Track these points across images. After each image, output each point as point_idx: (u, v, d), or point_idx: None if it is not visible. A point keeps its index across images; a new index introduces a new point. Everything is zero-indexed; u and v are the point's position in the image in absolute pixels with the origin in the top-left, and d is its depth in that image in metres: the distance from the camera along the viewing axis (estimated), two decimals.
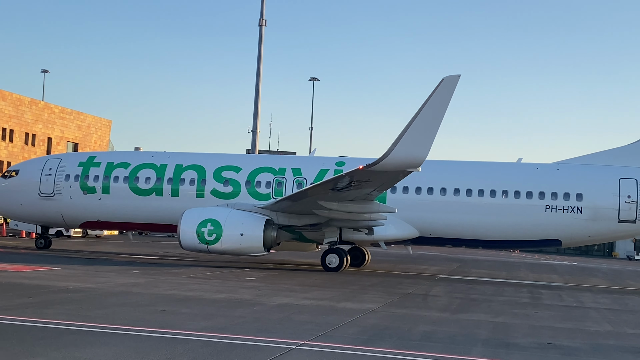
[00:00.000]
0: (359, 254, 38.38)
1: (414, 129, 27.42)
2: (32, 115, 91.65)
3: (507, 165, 37.89)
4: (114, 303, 18.40)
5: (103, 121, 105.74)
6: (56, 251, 38.56)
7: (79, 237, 57.23)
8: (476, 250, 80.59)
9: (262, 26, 59.46)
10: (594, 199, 34.79)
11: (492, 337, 16.37)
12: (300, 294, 23.17)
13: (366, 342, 14.49)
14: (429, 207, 35.24)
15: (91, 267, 29.28)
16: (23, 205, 37.86)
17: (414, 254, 47.74)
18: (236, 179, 36.14)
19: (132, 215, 37.08)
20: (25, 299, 18.10)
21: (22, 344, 12.46)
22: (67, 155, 41.31)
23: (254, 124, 60.39)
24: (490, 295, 27.08)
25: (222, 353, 12.62)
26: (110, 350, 12.35)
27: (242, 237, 31.79)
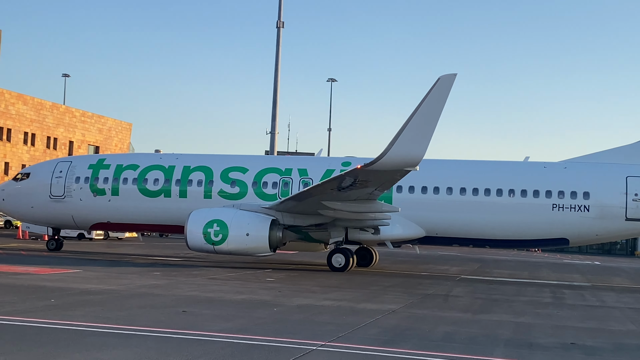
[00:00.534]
0: (366, 254, 38.33)
1: (411, 128, 27.47)
2: (53, 119, 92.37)
3: (513, 164, 37.78)
4: (136, 305, 18.48)
5: (123, 124, 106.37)
6: (78, 253, 38.84)
7: (100, 239, 57.59)
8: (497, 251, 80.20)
9: (280, 28, 59.56)
10: (601, 197, 34.55)
11: (514, 338, 16.26)
12: (320, 294, 23.16)
13: (387, 343, 14.43)
14: (435, 206, 35.14)
15: (113, 269, 29.44)
16: (34, 208, 38.24)
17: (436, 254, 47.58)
18: (243, 180, 36.31)
19: (141, 216, 37.37)
20: (47, 301, 18.22)
21: (45, 346, 12.54)
22: (77, 157, 41.75)
23: (272, 126, 60.50)
24: (512, 295, 26.92)
25: (243, 354, 12.63)
26: (132, 351, 12.39)
27: (248, 238, 31.91)
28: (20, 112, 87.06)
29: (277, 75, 59.90)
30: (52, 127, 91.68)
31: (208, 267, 32.96)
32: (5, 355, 11.60)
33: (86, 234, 55.68)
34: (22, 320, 14.87)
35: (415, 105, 27.66)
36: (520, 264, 53.14)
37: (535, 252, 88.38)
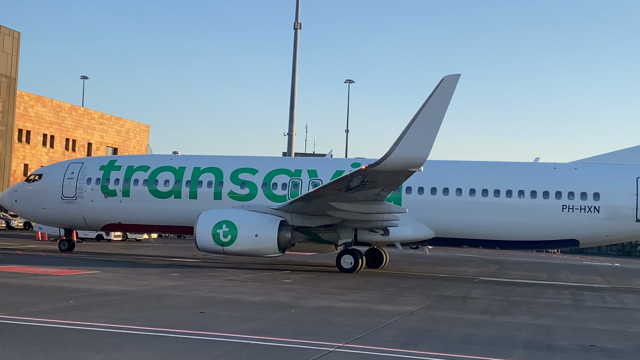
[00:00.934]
0: (376, 255, 38.34)
1: (415, 129, 27.48)
2: (72, 121, 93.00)
3: (523, 165, 37.60)
4: (154, 306, 18.54)
5: (142, 126, 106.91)
6: (97, 254, 39.06)
7: (118, 240, 57.88)
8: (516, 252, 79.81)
9: (297, 29, 59.64)
10: (612, 198, 34.32)
11: (533, 340, 16.15)
12: (338, 296, 23.13)
13: (405, 345, 14.38)
14: (445, 207, 35.03)
15: (131, 270, 29.56)
16: (46, 209, 38.52)
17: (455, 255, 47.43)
18: (253, 181, 36.42)
19: (152, 217, 37.55)
20: (66, 302, 18.32)
21: (64, 346, 12.60)
22: (88, 159, 42.05)
23: (290, 127, 60.60)
24: (531, 297, 26.75)
25: (261, 355, 12.63)
26: (150, 352, 12.43)
27: (257, 239, 31.98)
28: (40, 114, 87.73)
29: (295, 77, 59.97)
30: (71, 129, 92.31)
31: (226, 268, 33.02)
32: (25, 355, 11.68)
33: (104, 235, 56.10)
34: (42, 321, 14.96)
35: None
36: (539, 266, 52.83)
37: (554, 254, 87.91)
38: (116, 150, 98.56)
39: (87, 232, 54.26)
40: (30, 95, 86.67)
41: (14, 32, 79.64)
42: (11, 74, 78.87)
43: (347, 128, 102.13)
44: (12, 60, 79.01)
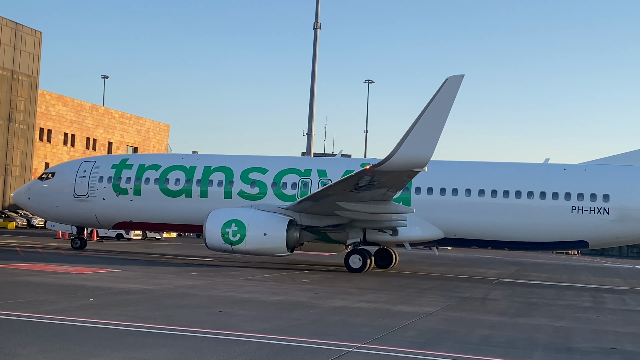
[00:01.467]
0: (386, 255, 38.39)
1: (418, 129, 27.56)
2: (93, 120, 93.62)
3: (533, 166, 37.47)
4: (173, 305, 18.62)
5: (162, 125, 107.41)
6: (116, 253, 39.29)
7: (138, 239, 58.19)
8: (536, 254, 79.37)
9: (317, 29, 59.64)
10: (621, 200, 34.17)
11: (552, 342, 16.05)
12: (356, 296, 23.11)
13: (423, 346, 14.34)
14: (454, 208, 35.00)
15: (150, 269, 29.71)
16: (59, 207, 38.91)
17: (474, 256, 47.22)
18: (263, 181, 36.57)
19: (163, 216, 37.84)
20: (86, 301, 18.44)
21: (84, 344, 12.68)
22: (101, 157, 42.46)
23: (309, 127, 60.60)
24: (550, 299, 26.59)
25: (279, 355, 12.64)
26: (169, 351, 12.48)
27: (266, 238, 32.15)
28: (61, 114, 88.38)
29: (314, 77, 59.99)
30: (91, 128, 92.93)
31: (244, 267, 33.10)
32: (45, 353, 11.77)
33: (124, 234, 56.44)
34: (62, 319, 15.06)
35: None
36: (559, 267, 52.50)
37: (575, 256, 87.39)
38: (136, 150, 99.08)
39: (108, 231, 54.66)
40: (52, 94, 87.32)
41: (35, 32, 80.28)
42: (33, 73, 79.50)
43: (366, 128, 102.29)
44: (33, 59, 79.65)
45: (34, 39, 79.85)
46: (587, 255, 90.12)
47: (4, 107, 76.07)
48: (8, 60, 76.26)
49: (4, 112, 76.24)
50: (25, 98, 78.80)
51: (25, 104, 78.90)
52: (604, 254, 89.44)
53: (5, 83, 76.16)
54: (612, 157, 36.46)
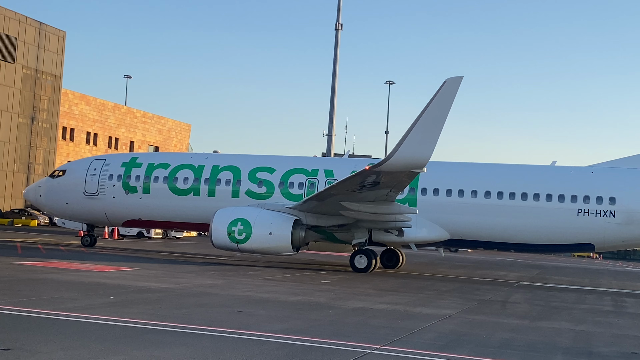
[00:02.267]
0: (392, 255, 38.52)
1: (417, 130, 27.76)
2: (115, 119, 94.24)
3: (539, 168, 37.53)
4: (192, 303, 18.68)
5: (183, 125, 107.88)
6: (137, 251, 39.51)
7: (159, 238, 58.48)
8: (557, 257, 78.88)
9: (338, 30, 59.60)
10: (628, 202, 34.05)
11: (573, 346, 15.92)
12: (376, 298, 23.06)
13: (443, 348, 14.27)
14: (460, 209, 34.99)
15: (170, 268, 29.84)
16: (69, 204, 39.30)
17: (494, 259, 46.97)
18: (270, 180, 36.75)
19: (171, 214, 38.14)
20: (107, 298, 18.55)
21: (104, 342, 12.75)
22: (111, 156, 42.96)
23: (330, 128, 60.60)
24: (571, 302, 26.39)
25: (298, 355, 12.64)
26: (188, 350, 12.51)
27: (271, 237, 32.32)
28: (83, 113, 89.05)
29: (335, 78, 59.96)
30: (113, 127, 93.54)
31: (263, 267, 33.15)
32: (66, 350, 11.85)
33: (145, 232, 56.75)
34: (83, 317, 15.16)
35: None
36: (580, 271, 52.09)
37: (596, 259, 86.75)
38: (158, 149, 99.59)
39: (129, 230, 55.02)
40: (75, 93, 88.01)
41: (59, 32, 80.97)
42: (56, 72, 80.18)
43: (386, 129, 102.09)
44: (57, 59, 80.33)
45: (57, 38, 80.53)
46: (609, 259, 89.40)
47: (27, 106, 76.79)
48: (32, 59, 76.97)
49: (28, 111, 76.95)
50: (48, 97, 79.49)
51: (48, 102, 79.59)
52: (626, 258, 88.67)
53: (29, 82, 76.86)
54: (620, 160, 36.34)
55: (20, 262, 27.75)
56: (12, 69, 74.51)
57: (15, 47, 74.41)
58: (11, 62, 74.10)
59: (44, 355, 11.35)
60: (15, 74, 75.03)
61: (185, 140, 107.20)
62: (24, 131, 76.76)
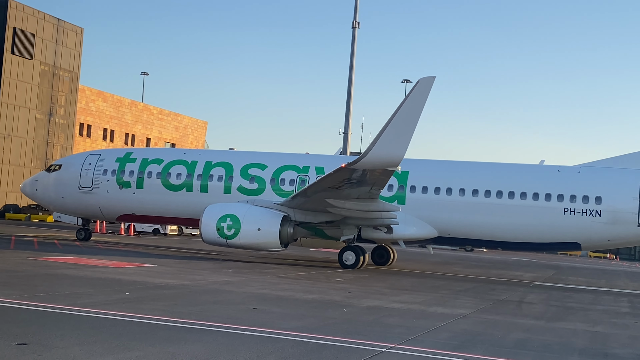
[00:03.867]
0: (384, 252, 38.76)
1: (391, 129, 28.24)
2: (132, 116, 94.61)
3: (527, 167, 37.74)
4: (207, 300, 18.72)
5: (199, 122, 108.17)
6: (152, 247, 39.68)
7: (174, 235, 58.67)
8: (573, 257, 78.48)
9: (355, 28, 59.51)
10: (613, 202, 34.21)
11: (589, 347, 15.83)
12: (390, 297, 23.03)
13: (457, 348, 14.23)
14: (448, 207, 35.23)
15: (185, 265, 29.94)
16: (64, 198, 39.81)
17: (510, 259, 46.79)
18: (261, 176, 37.04)
19: (164, 209, 38.52)
20: (122, 295, 18.64)
21: (120, 338, 12.81)
22: (106, 151, 43.46)
23: (346, 126, 60.55)
24: (587, 303, 26.23)
25: (312, 353, 12.64)
26: (203, 346, 12.55)
27: (259, 233, 32.55)
28: (100, 109, 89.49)
29: (352, 76, 59.89)
30: (130, 124, 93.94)
31: (278, 265, 33.21)
32: (82, 345, 11.91)
33: (161, 229, 56.95)
34: (99, 312, 15.24)
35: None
36: (597, 272, 51.79)
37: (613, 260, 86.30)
38: (174, 146, 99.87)
39: (144, 226, 55.29)
40: (92, 90, 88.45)
41: (77, 28, 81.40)
42: (74, 69, 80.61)
43: None
44: (75, 55, 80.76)
45: (75, 35, 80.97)
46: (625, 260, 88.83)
47: (45, 102, 77.28)
48: (50, 55, 77.43)
49: (45, 107, 77.44)
50: (66, 93, 79.94)
51: (66, 99, 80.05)
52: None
53: (47, 78, 77.33)
54: (608, 160, 36.52)
55: (36, 257, 27.93)
56: (30, 65, 75.00)
57: (34, 43, 74.88)
58: (29, 58, 74.58)
59: (60, 350, 11.41)
60: (33, 70, 75.52)
61: (202, 138, 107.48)
62: (41, 127, 77.24)
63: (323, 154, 40.07)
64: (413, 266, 40.15)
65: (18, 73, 73.98)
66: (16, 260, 25.92)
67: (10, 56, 72.68)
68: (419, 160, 37.40)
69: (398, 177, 35.28)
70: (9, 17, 72.25)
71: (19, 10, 73.59)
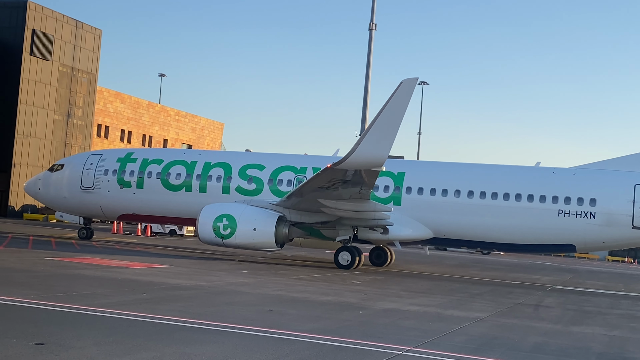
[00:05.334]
0: (381, 253, 38.76)
1: (375, 130, 28.58)
2: (149, 117, 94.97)
3: (522, 168, 37.85)
4: (223, 302, 18.75)
5: (216, 124, 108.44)
6: (169, 248, 39.80)
7: (191, 236, 58.78)
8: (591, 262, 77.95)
9: (372, 30, 59.46)
10: (608, 204, 34.15)
11: (606, 351, 15.70)
12: (407, 299, 22.96)
13: (474, 351, 14.16)
14: (443, 208, 35.26)
15: (202, 266, 30.01)
16: (66, 198, 40.19)
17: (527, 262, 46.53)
18: (259, 177, 37.25)
19: (164, 209, 38.81)
20: (139, 295, 18.70)
21: (136, 338, 12.85)
22: (107, 151, 43.99)
23: (362, 128, 60.40)
24: (605, 307, 26.04)
25: (328, 355, 12.62)
26: (219, 347, 12.56)
27: (255, 233, 32.74)
28: (118, 110, 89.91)
29: (368, 77, 59.84)
30: (147, 125, 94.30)
31: (294, 266, 33.23)
32: (99, 345, 11.96)
33: (177, 230, 57.07)
34: (115, 313, 15.30)
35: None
36: (615, 276, 51.41)
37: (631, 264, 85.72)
38: (190, 147, 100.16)
39: (161, 227, 55.39)
40: (110, 91, 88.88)
41: (95, 30, 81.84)
42: (92, 70, 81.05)
43: (419, 130, 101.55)
44: (93, 57, 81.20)
45: (93, 36, 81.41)
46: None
47: (63, 103, 77.74)
48: (68, 57, 77.89)
49: (64, 108, 77.91)
50: (84, 94, 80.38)
51: (84, 100, 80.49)
52: None
53: (65, 79, 77.80)
54: (604, 162, 36.48)
55: (54, 258, 28.10)
56: (48, 67, 75.47)
57: (52, 45, 75.32)
58: (48, 59, 75.04)
59: (77, 350, 11.46)
60: (52, 71, 75.98)
61: (218, 139, 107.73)
62: (59, 128, 77.68)
63: (321, 155, 40.20)
64: (429, 269, 40.07)
65: (37, 74, 74.46)
66: (34, 260, 26.08)
67: (29, 57, 73.15)
68: (415, 162, 37.73)
69: (394, 178, 35.62)
70: (27, 18, 72.74)
71: (37, 12, 74.09)
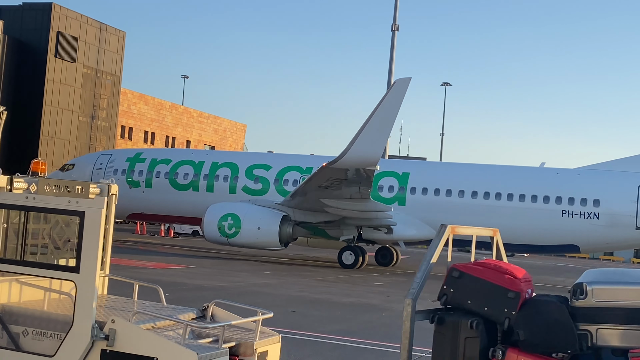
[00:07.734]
0: (387, 253, 38.73)
1: (369, 129, 28.76)
2: (172, 119, 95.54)
3: (527, 169, 37.98)
4: (246, 302, 18.69)
5: (238, 125, 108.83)
6: (192, 249, 39.95)
7: None
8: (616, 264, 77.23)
9: (395, 31, 59.32)
10: (612, 205, 34.02)
11: None
12: (429, 300, 22.79)
13: None
14: (447, 208, 35.05)
15: (225, 266, 30.08)
16: None
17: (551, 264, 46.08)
18: (266, 177, 37.41)
19: (172, 208, 39.04)
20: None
21: None
22: (117, 151, 44.49)
23: None
24: None
25: (351, 356, 12.58)
26: None
27: (259, 232, 32.98)
28: (142, 112, 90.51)
29: (391, 79, 59.63)
30: (170, 126, 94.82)
31: (317, 267, 33.25)
32: None
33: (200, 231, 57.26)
34: None
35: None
36: None
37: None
38: (213, 148, 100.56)
39: (184, 228, 55.60)
40: (134, 93, 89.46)
41: (119, 32, 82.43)
42: (116, 72, 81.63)
43: (442, 131, 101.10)
44: (117, 58, 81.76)
45: (117, 38, 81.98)
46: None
47: (87, 105, 78.36)
48: (93, 59, 78.51)
49: (88, 110, 78.53)
50: (108, 96, 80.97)
51: (108, 102, 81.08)
52: None
53: (89, 81, 78.43)
54: (607, 163, 36.47)
55: None
56: (73, 69, 76.09)
57: (77, 47, 75.91)
58: (72, 61, 75.63)
59: None
60: (76, 73, 76.59)
61: (241, 140, 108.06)
62: (83, 129, 78.28)
63: (327, 155, 40.26)
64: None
65: (61, 76, 75.11)
66: None
67: (53, 59, 73.77)
68: (419, 162, 37.69)
69: (399, 179, 35.68)
70: (52, 21, 73.40)
71: (62, 14, 74.74)
